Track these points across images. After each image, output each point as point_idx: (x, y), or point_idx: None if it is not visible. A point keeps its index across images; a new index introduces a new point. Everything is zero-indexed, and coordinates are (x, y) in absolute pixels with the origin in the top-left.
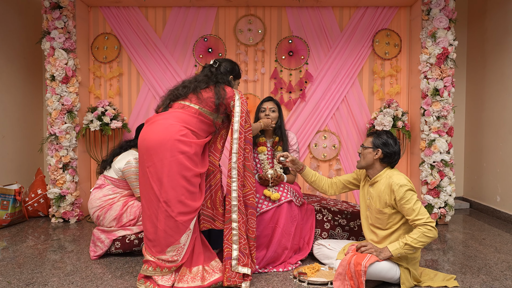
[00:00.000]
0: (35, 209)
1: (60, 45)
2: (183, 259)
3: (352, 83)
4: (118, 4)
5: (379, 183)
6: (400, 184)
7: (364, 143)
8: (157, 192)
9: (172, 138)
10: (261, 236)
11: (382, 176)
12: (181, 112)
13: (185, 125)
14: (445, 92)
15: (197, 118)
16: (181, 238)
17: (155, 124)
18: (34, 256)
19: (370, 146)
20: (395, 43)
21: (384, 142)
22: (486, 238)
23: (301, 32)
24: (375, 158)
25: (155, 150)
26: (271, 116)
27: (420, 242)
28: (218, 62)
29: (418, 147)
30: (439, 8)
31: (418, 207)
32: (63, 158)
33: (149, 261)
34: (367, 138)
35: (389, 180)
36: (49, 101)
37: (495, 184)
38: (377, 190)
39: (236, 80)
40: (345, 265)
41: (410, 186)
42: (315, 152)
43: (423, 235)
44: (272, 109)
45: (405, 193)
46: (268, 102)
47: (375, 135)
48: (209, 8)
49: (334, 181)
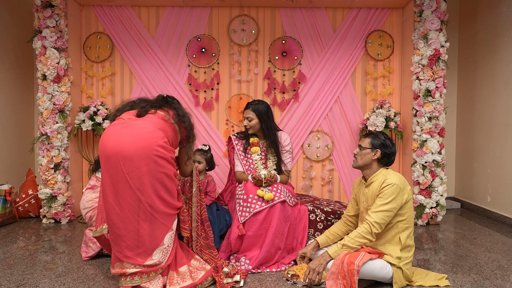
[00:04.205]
0: (26, 209)
1: (51, 44)
2: (169, 260)
3: (345, 84)
4: (111, 3)
5: (375, 183)
6: (389, 183)
7: (362, 143)
8: (139, 196)
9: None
10: (254, 236)
11: (378, 176)
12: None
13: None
14: (437, 93)
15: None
16: (165, 239)
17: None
18: (25, 257)
19: (369, 147)
20: (388, 44)
21: (383, 143)
22: (477, 238)
23: (294, 32)
24: (374, 158)
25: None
26: (249, 125)
27: (357, 242)
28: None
29: (410, 147)
30: (431, 10)
31: (381, 209)
32: (55, 158)
33: (132, 274)
34: (364, 139)
35: (384, 178)
36: (41, 101)
37: (485, 184)
38: (372, 190)
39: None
40: (338, 264)
41: (397, 186)
42: (308, 153)
43: (360, 234)
44: (249, 118)
45: (387, 190)
46: (246, 110)
47: (373, 136)
48: (203, 8)
49: (346, 215)
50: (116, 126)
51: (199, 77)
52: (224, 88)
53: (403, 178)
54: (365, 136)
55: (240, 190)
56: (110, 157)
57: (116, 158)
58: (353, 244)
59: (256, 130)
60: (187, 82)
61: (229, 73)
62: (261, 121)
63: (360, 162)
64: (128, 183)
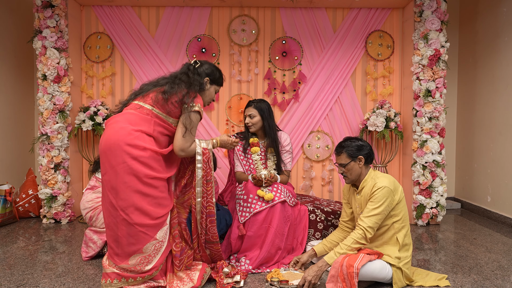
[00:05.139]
0: (26, 209)
1: (52, 44)
2: (154, 268)
3: (345, 84)
4: (111, 3)
5: (366, 188)
6: (379, 186)
7: (341, 161)
8: (113, 201)
9: (122, 142)
10: (255, 237)
11: (367, 180)
12: (133, 114)
13: (138, 127)
14: (437, 93)
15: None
16: (145, 248)
17: (108, 127)
18: (25, 257)
19: (350, 160)
20: (388, 44)
21: (358, 148)
22: (477, 238)
23: (294, 32)
24: (360, 166)
25: (106, 156)
26: (251, 122)
27: (353, 249)
28: (199, 62)
29: (410, 147)
30: (431, 10)
31: (373, 213)
32: (55, 158)
33: (109, 274)
34: (338, 156)
35: (374, 182)
36: (41, 101)
37: (485, 185)
38: (364, 195)
39: (212, 85)
40: (337, 267)
41: (388, 188)
42: (308, 153)
43: (356, 241)
44: (251, 115)
45: (378, 194)
46: (248, 107)
47: (346, 148)
48: (203, 8)
49: (342, 222)
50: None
51: None
52: (224, 88)
53: (392, 178)
54: (337, 153)
55: (240, 190)
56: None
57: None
58: (348, 250)
59: (258, 128)
60: None
61: (229, 73)
62: (263, 119)
63: (352, 176)
64: (104, 185)
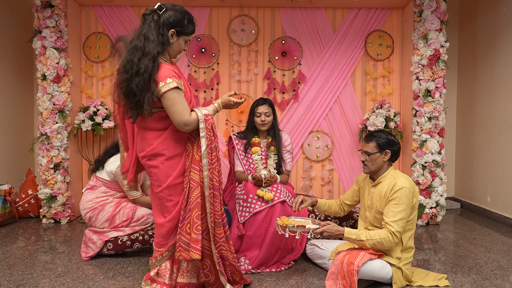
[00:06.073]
0: (25, 209)
1: (51, 44)
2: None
3: (345, 84)
4: (111, 3)
5: (383, 184)
6: (400, 186)
7: (368, 149)
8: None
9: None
10: (254, 237)
11: (386, 176)
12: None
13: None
14: (437, 93)
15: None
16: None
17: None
18: (24, 257)
19: (377, 151)
20: (388, 44)
21: (388, 142)
22: (477, 238)
23: (294, 32)
24: (385, 160)
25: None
26: (267, 120)
27: (374, 245)
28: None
29: (410, 147)
30: (431, 10)
31: (399, 217)
32: (54, 158)
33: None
34: (367, 144)
35: (394, 181)
36: (40, 101)
37: (485, 184)
38: (379, 190)
39: (180, 36)
40: (338, 265)
41: (409, 190)
42: (308, 153)
43: (382, 240)
44: (267, 113)
45: (400, 195)
46: (263, 106)
47: (377, 138)
48: (202, 8)
49: (342, 200)
50: None
51: (199, 77)
52: (224, 88)
53: (412, 181)
54: (367, 140)
55: (240, 190)
56: None
57: None
58: (369, 245)
59: (269, 127)
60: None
61: (229, 73)
62: (274, 117)
63: (373, 167)
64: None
